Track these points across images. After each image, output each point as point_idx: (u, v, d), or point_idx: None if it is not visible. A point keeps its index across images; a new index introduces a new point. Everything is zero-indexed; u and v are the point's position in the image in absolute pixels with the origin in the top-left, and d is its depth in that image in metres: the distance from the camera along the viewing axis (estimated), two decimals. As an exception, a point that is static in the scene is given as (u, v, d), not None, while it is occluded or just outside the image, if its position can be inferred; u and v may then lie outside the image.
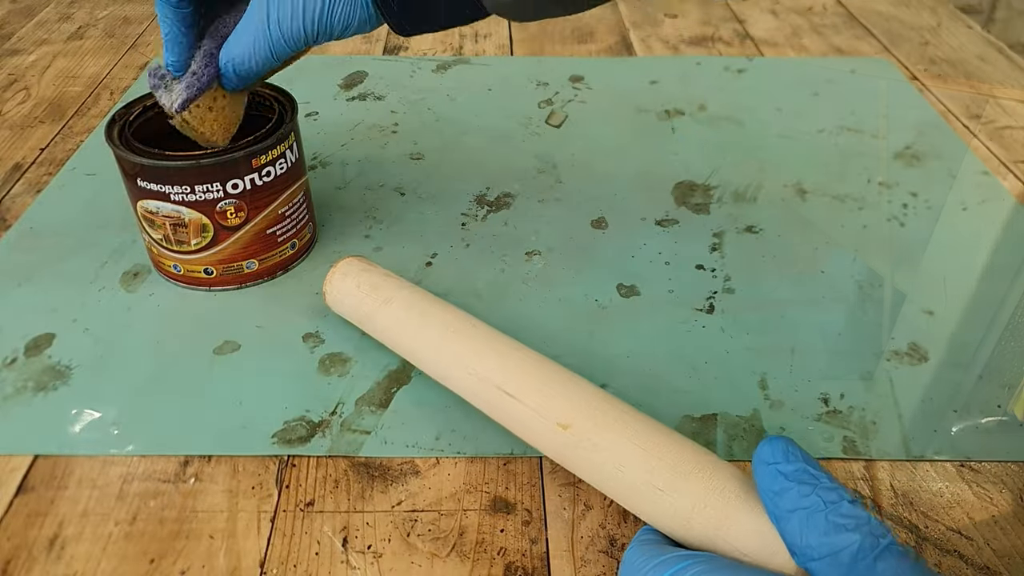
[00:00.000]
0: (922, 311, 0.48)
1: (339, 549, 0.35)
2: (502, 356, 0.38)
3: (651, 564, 0.28)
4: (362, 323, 0.44)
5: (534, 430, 0.35)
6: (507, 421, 0.37)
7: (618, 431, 0.33)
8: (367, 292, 0.43)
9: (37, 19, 0.87)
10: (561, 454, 0.35)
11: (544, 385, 0.36)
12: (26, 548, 0.35)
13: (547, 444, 0.35)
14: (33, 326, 0.47)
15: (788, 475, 0.28)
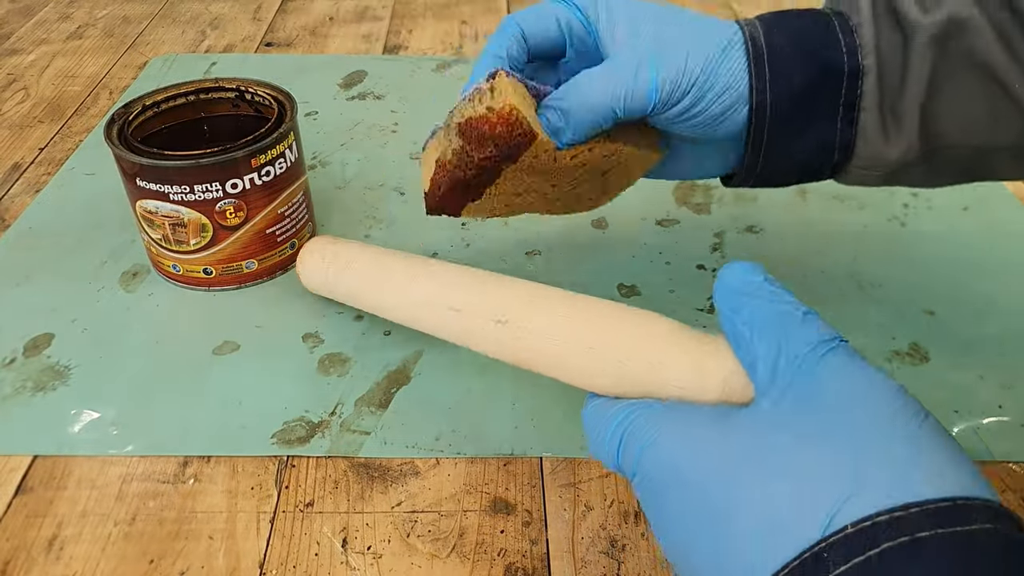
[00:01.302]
0: (923, 311, 0.48)
1: (339, 550, 0.35)
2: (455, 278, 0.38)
3: (603, 419, 0.29)
4: (333, 292, 0.45)
5: (480, 334, 0.36)
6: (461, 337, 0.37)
7: (549, 311, 0.34)
8: (331, 261, 0.44)
9: (36, 18, 0.87)
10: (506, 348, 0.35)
11: (483, 292, 0.36)
12: (25, 549, 0.35)
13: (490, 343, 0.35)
14: (32, 326, 0.47)
15: (746, 292, 0.28)
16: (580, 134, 0.35)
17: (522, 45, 0.37)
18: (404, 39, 0.83)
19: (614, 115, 0.35)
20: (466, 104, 0.34)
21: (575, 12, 0.37)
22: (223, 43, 0.82)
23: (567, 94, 0.35)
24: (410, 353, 0.45)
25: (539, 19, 0.37)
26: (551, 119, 0.35)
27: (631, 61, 0.35)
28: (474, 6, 0.91)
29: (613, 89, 0.34)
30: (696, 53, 0.34)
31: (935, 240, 0.54)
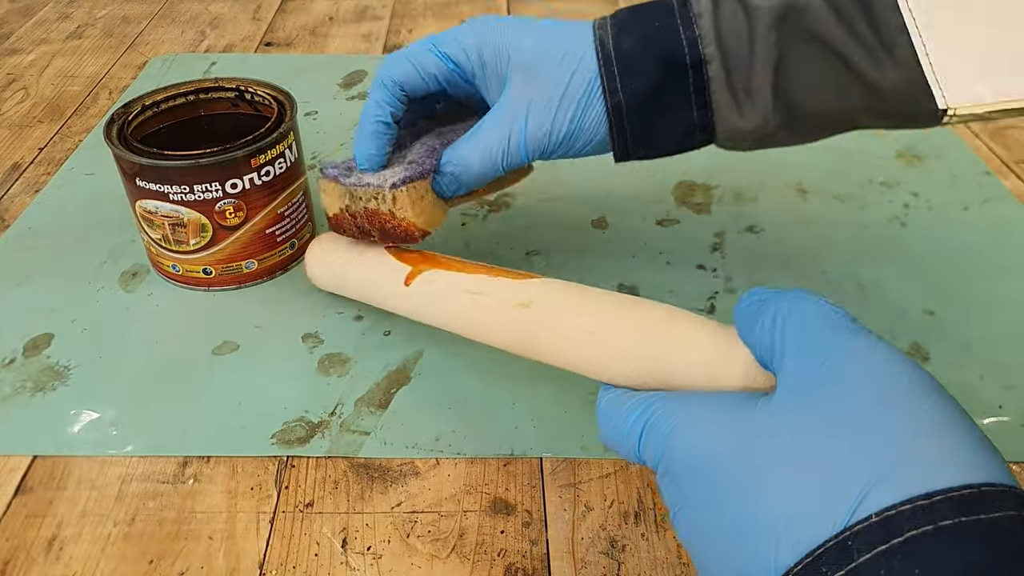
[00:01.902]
0: (923, 311, 0.48)
1: (338, 550, 0.35)
2: (470, 265, 0.39)
3: (622, 410, 0.29)
4: (342, 282, 0.45)
5: (497, 321, 0.36)
6: (474, 324, 0.37)
7: (569, 297, 0.35)
8: (343, 251, 0.45)
9: (36, 18, 0.87)
10: (524, 334, 0.35)
11: (501, 278, 0.37)
12: (24, 549, 0.35)
13: (507, 330, 0.36)
14: (32, 326, 0.47)
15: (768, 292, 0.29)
16: (468, 190, 0.42)
17: (400, 99, 0.41)
18: (404, 39, 0.83)
19: (496, 173, 0.41)
20: (370, 195, 0.40)
21: (448, 63, 0.41)
22: (223, 43, 0.82)
23: (456, 162, 0.41)
24: (410, 353, 0.45)
25: (415, 72, 0.41)
26: (444, 185, 0.41)
27: (503, 127, 0.40)
28: (474, 6, 0.91)
29: (492, 156, 0.40)
30: (561, 108, 0.39)
31: (935, 240, 0.54)
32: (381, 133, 0.41)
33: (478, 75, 0.41)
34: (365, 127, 0.41)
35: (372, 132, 0.41)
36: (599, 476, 0.38)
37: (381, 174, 0.41)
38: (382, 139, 0.41)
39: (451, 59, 0.41)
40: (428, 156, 0.41)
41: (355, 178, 0.41)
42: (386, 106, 0.41)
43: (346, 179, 0.42)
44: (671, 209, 0.57)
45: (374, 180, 0.40)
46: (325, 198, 0.43)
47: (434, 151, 0.42)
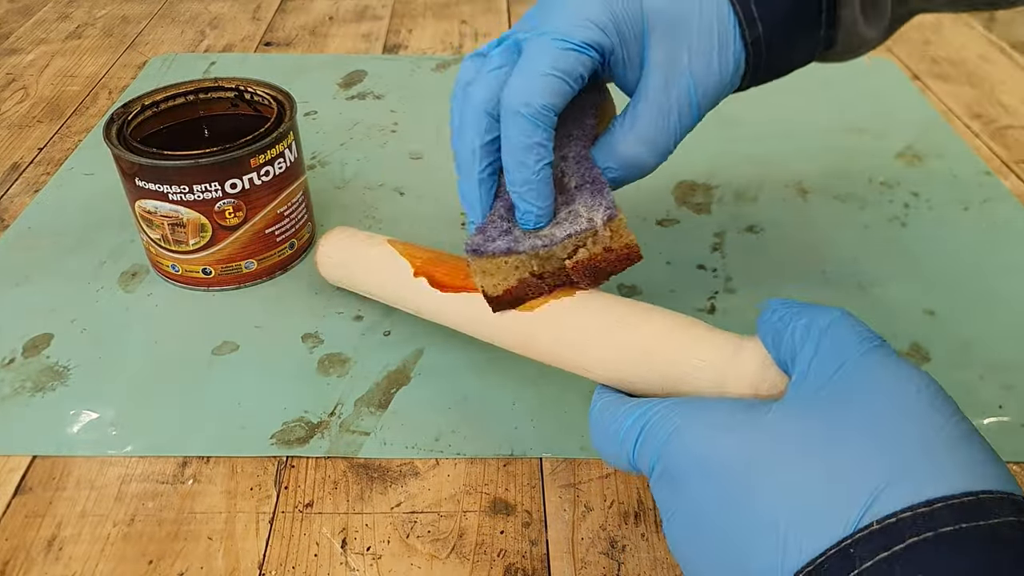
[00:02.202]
0: (924, 311, 0.48)
1: (338, 550, 0.35)
2: None
3: (617, 415, 0.29)
4: (352, 274, 0.45)
5: (511, 317, 0.35)
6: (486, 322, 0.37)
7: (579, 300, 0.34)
8: (360, 240, 0.45)
9: (35, 18, 0.87)
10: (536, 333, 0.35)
11: None
12: (24, 549, 0.35)
13: (516, 330, 0.35)
14: (31, 326, 0.46)
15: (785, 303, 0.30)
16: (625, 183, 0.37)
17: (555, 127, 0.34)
18: (404, 39, 0.83)
19: (672, 148, 0.36)
20: (574, 244, 0.34)
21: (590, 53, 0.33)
22: (222, 43, 0.82)
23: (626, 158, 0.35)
24: (410, 353, 0.45)
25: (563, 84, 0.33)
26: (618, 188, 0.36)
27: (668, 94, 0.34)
28: (474, 6, 0.91)
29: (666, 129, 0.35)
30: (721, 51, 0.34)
31: (935, 240, 0.54)
32: (550, 179, 0.33)
33: (618, 52, 0.34)
34: (528, 179, 0.33)
35: (544, 182, 0.33)
36: (599, 476, 0.38)
37: (569, 217, 0.34)
38: (551, 186, 0.34)
39: (592, 47, 0.33)
40: (589, 168, 0.35)
41: (537, 238, 0.34)
42: (548, 145, 0.33)
43: (520, 244, 0.34)
44: (671, 209, 0.57)
45: (572, 228, 0.34)
46: (488, 279, 0.35)
47: (586, 159, 0.35)
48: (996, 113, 0.70)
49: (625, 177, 0.36)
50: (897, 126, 0.67)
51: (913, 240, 0.54)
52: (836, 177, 0.61)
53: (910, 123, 0.68)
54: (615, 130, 0.35)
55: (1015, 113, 0.70)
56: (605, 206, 0.33)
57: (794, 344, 0.27)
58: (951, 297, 0.49)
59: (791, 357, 0.27)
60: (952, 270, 0.51)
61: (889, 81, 0.75)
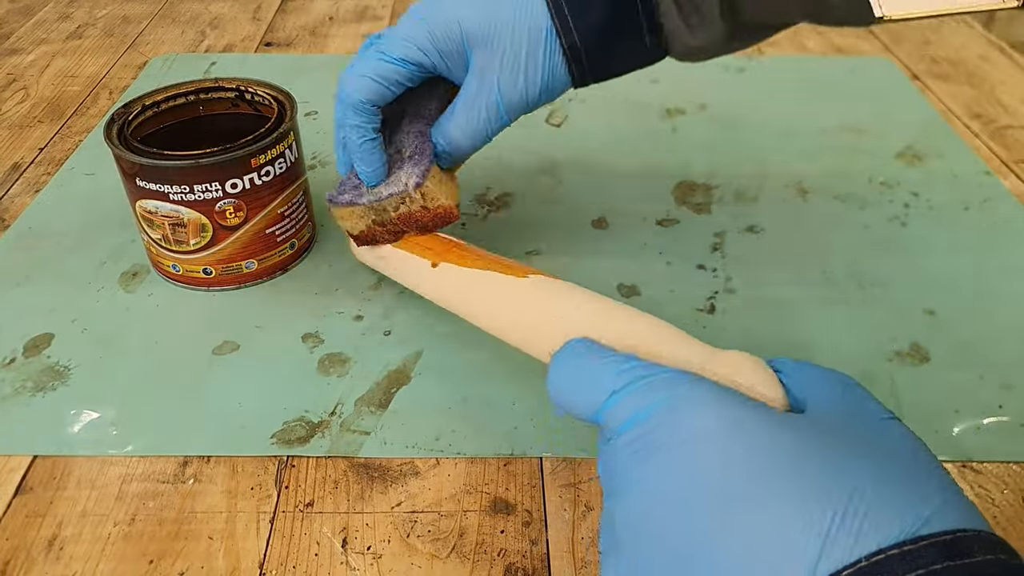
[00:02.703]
0: (924, 311, 0.48)
1: (338, 550, 0.35)
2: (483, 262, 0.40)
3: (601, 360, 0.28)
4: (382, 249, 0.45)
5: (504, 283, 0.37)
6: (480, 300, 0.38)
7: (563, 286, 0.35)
8: None
9: (36, 18, 0.87)
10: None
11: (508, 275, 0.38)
12: (25, 549, 0.35)
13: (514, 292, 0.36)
14: (32, 326, 0.47)
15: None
16: (462, 161, 0.45)
17: (374, 113, 0.41)
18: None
19: (484, 143, 0.43)
20: (396, 202, 0.42)
21: (407, 67, 0.41)
22: (223, 43, 0.82)
23: (444, 141, 0.42)
24: (410, 353, 0.45)
25: (378, 86, 0.40)
26: (442, 162, 0.43)
27: (479, 101, 0.41)
28: (474, 6, 0.91)
29: (476, 130, 0.42)
30: (529, 65, 0.40)
31: (936, 240, 0.54)
32: (372, 150, 0.42)
33: (439, 65, 0.41)
34: (356, 149, 0.42)
35: (367, 151, 0.42)
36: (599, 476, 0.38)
37: (395, 180, 0.42)
38: (377, 152, 0.42)
39: (407, 61, 0.40)
40: (423, 142, 0.42)
41: (371, 194, 0.42)
42: (367, 126, 0.41)
43: (361, 198, 0.42)
44: (671, 209, 0.57)
45: (394, 188, 0.42)
46: (345, 223, 0.44)
47: (423, 135, 0.43)
48: (996, 113, 0.70)
49: (452, 152, 0.43)
50: (897, 126, 0.67)
51: (913, 240, 0.54)
52: (836, 177, 0.61)
53: (910, 123, 0.68)
54: (444, 115, 0.43)
55: (1015, 113, 0.70)
56: (418, 174, 0.41)
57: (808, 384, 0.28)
58: (951, 297, 0.49)
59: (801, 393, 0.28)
60: (952, 270, 0.51)
61: (889, 81, 0.75)
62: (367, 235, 0.44)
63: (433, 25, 0.40)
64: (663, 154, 0.63)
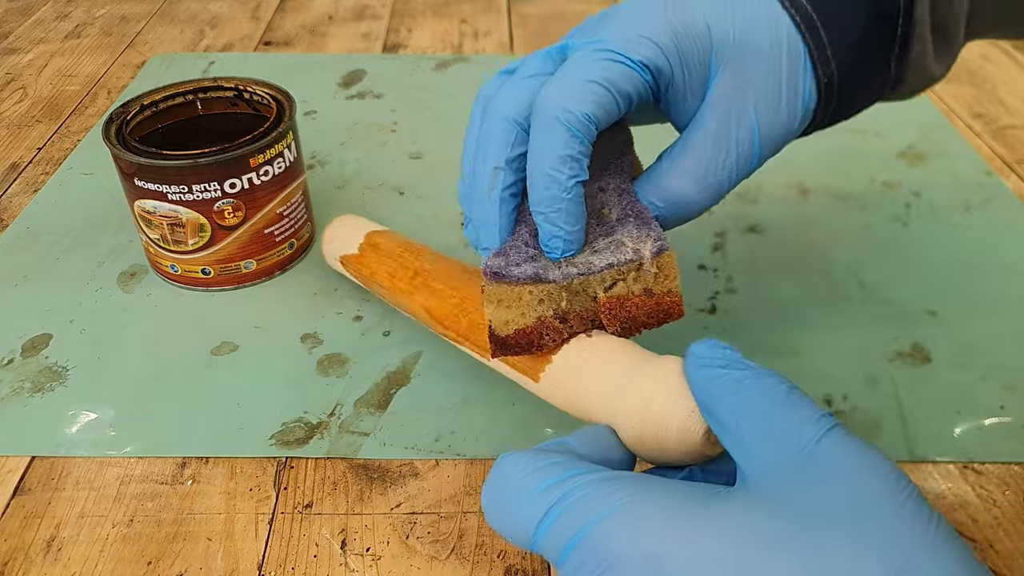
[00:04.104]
0: (925, 311, 0.48)
1: (337, 551, 0.35)
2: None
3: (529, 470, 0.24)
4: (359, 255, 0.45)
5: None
6: None
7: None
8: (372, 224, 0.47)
9: (34, 18, 0.87)
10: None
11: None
12: (23, 550, 0.35)
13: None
14: (30, 326, 0.46)
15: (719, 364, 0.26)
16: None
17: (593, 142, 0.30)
18: (404, 38, 0.83)
19: (723, 194, 0.33)
20: (611, 277, 0.30)
21: (645, 75, 0.30)
22: (222, 42, 0.82)
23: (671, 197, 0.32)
24: (409, 354, 0.45)
25: (610, 97, 0.29)
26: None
27: (728, 134, 0.31)
28: (474, 5, 0.91)
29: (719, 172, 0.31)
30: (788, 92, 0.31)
31: (937, 240, 0.54)
32: (580, 197, 0.29)
33: (678, 76, 0.30)
34: (561, 197, 0.29)
35: (576, 201, 0.29)
36: (599, 477, 0.38)
37: (610, 247, 0.30)
38: (582, 204, 0.30)
39: (648, 68, 0.29)
40: (632, 202, 0.31)
41: (572, 267, 0.30)
42: (583, 159, 0.29)
43: (550, 272, 0.30)
44: (671, 209, 0.57)
45: (613, 257, 0.30)
46: (503, 312, 0.31)
47: (625, 192, 0.32)
48: (997, 113, 0.70)
49: (669, 217, 0.32)
50: (898, 126, 0.67)
51: (914, 240, 0.54)
52: (837, 177, 0.60)
53: (911, 123, 0.68)
54: (662, 162, 0.32)
55: (1016, 113, 0.70)
56: (655, 238, 0.30)
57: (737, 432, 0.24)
58: (952, 297, 0.49)
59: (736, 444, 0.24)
60: (953, 270, 0.51)
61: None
62: (527, 335, 0.31)
63: (674, 20, 0.30)
64: (663, 154, 0.63)
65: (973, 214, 0.57)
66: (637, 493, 0.23)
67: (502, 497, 0.25)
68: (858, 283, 0.50)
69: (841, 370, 0.44)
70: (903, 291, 0.49)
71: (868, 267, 0.51)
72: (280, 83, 0.51)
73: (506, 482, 0.25)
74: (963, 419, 0.41)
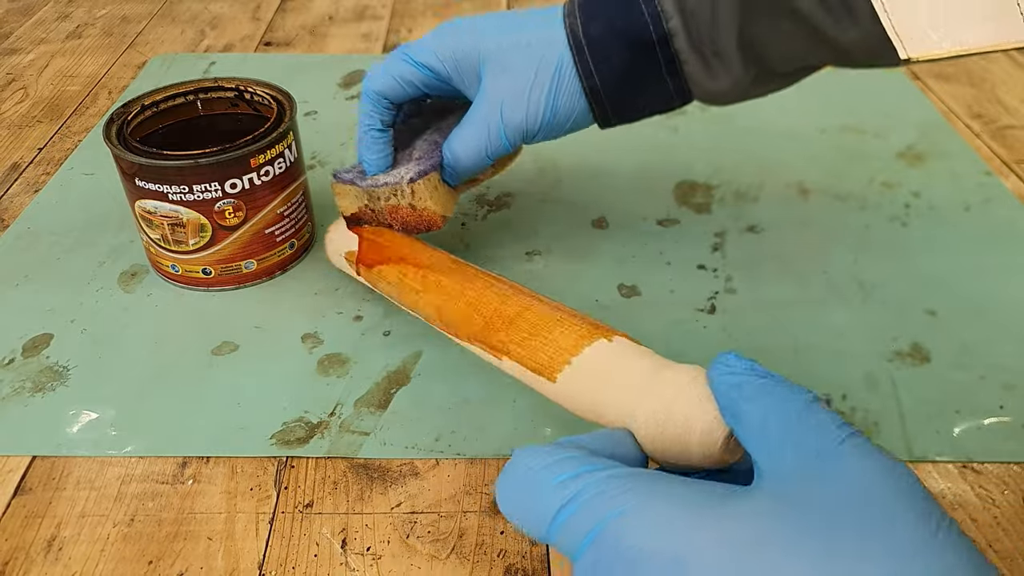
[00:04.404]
0: (924, 311, 0.48)
1: (338, 551, 0.35)
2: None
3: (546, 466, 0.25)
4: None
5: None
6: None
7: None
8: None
9: (35, 18, 0.87)
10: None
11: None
12: (24, 549, 0.35)
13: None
14: (31, 326, 0.46)
15: (745, 371, 0.27)
16: (464, 179, 0.46)
17: (386, 107, 0.44)
18: (404, 38, 0.83)
19: (485, 164, 0.44)
20: (389, 192, 0.44)
21: (424, 71, 0.43)
22: (222, 42, 0.82)
23: (449, 156, 0.44)
24: (409, 354, 0.45)
25: (395, 83, 0.43)
26: (447, 176, 0.45)
27: (482, 122, 0.42)
28: (474, 5, 0.91)
29: (477, 149, 0.43)
30: (533, 96, 0.42)
31: (936, 240, 0.54)
32: (376, 139, 0.44)
33: (454, 77, 0.43)
34: (362, 136, 0.44)
35: (370, 139, 0.44)
36: (599, 477, 0.38)
37: (395, 172, 0.44)
38: (379, 144, 0.44)
39: (425, 66, 0.43)
40: (432, 149, 0.45)
41: (371, 180, 0.44)
42: (375, 115, 0.44)
43: (362, 181, 0.44)
44: (671, 209, 0.57)
45: (390, 179, 0.44)
46: (341, 201, 0.46)
47: (436, 144, 0.45)
48: (996, 113, 0.70)
49: (454, 166, 0.44)
50: (897, 126, 0.67)
51: (914, 240, 0.54)
52: (836, 177, 0.61)
53: (910, 123, 0.68)
54: (452, 131, 0.44)
55: (1016, 113, 0.70)
56: (415, 172, 0.43)
57: (761, 415, 0.25)
58: (952, 297, 0.49)
59: (753, 427, 0.25)
60: (953, 270, 0.51)
61: (889, 81, 0.75)
62: (358, 217, 0.46)
63: (456, 39, 0.43)
64: (663, 154, 0.63)
65: (972, 214, 0.57)
66: (655, 491, 0.23)
67: (518, 489, 0.25)
68: (857, 283, 0.50)
69: (840, 370, 0.44)
70: (903, 291, 0.50)
71: (868, 267, 0.51)
72: (280, 83, 0.52)
73: (522, 474, 0.25)
74: (962, 419, 0.41)
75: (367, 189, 0.44)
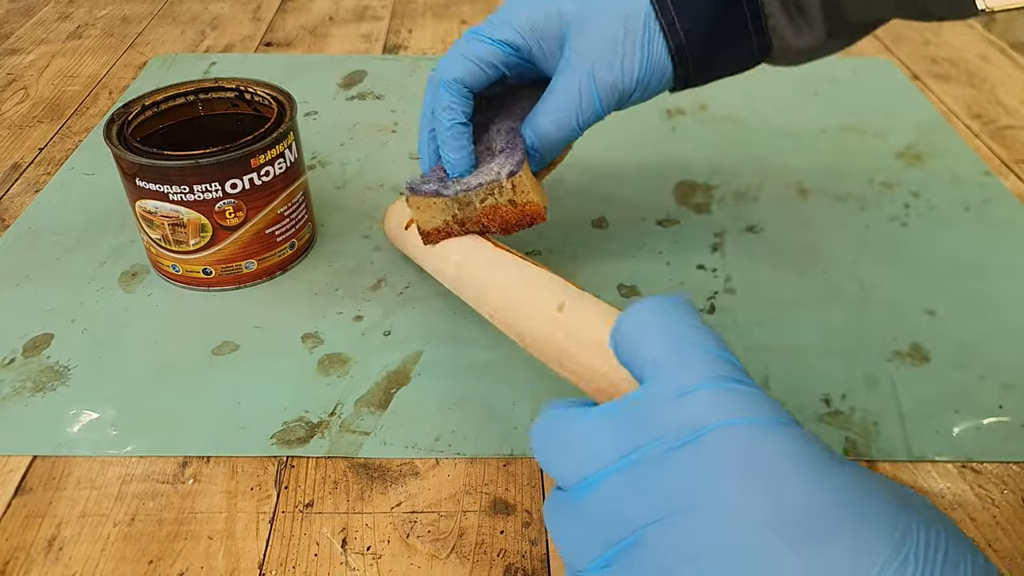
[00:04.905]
0: (924, 311, 0.48)
1: (338, 550, 0.35)
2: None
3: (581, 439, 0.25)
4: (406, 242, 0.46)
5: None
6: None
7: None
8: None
9: (36, 18, 0.87)
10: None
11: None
12: (24, 549, 0.35)
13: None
14: (31, 326, 0.47)
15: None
16: (551, 159, 0.43)
17: (468, 96, 0.41)
18: (404, 39, 0.83)
19: (575, 135, 0.42)
20: (485, 193, 0.40)
21: (505, 49, 0.41)
22: (223, 43, 0.82)
23: (533, 135, 0.41)
24: (410, 354, 0.45)
25: (475, 67, 0.40)
26: (532, 161, 0.42)
27: (572, 86, 0.40)
28: (474, 5, 0.91)
29: (567, 118, 0.40)
30: (626, 53, 0.39)
31: (936, 240, 0.54)
32: (461, 134, 0.41)
33: (535, 50, 0.41)
34: (445, 133, 0.40)
35: (454, 136, 0.40)
36: (599, 476, 0.38)
37: (485, 170, 0.40)
38: (463, 140, 0.41)
39: (505, 43, 0.40)
40: (514, 138, 0.41)
41: (459, 185, 0.40)
42: (458, 108, 0.40)
43: (446, 189, 0.41)
44: (671, 209, 0.57)
45: (483, 178, 0.40)
46: (422, 215, 0.42)
47: (514, 131, 0.42)
48: (996, 113, 0.70)
49: (541, 146, 0.41)
50: (897, 126, 0.67)
51: (913, 240, 0.54)
52: (836, 177, 0.61)
53: (910, 123, 0.68)
54: (536, 107, 0.41)
55: (1015, 113, 0.70)
56: (512, 164, 0.40)
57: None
58: (951, 297, 0.49)
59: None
60: (952, 270, 0.51)
61: (889, 81, 0.75)
62: (442, 232, 0.42)
63: (534, 5, 0.40)
64: (663, 154, 0.63)
65: (972, 214, 0.57)
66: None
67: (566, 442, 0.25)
68: (857, 283, 0.50)
69: (840, 370, 0.44)
70: (902, 291, 0.50)
71: (867, 267, 0.51)
72: (281, 84, 0.52)
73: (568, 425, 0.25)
74: (962, 418, 0.41)
75: (457, 196, 0.40)
